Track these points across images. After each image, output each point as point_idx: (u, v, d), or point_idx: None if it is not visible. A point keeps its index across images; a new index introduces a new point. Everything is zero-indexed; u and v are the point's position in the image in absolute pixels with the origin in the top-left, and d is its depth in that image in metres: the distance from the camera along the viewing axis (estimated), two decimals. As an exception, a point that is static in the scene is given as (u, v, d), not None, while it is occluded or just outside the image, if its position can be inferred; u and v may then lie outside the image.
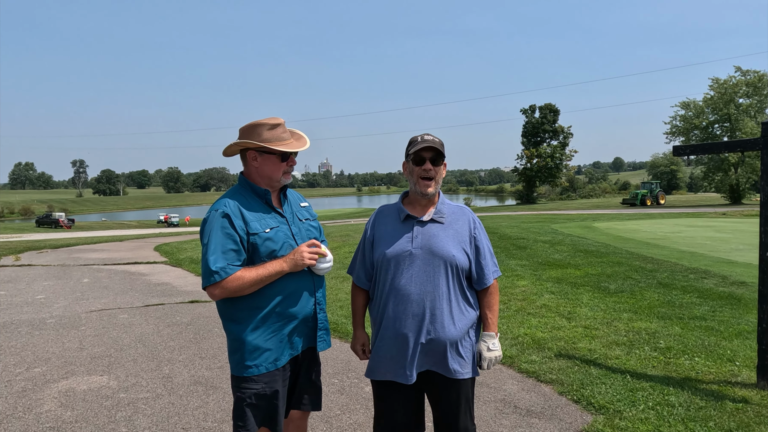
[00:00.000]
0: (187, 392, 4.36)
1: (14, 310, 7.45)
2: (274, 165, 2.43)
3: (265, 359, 2.36)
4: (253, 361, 2.35)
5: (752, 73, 49.43)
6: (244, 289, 2.29)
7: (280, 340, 2.39)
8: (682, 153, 4.77)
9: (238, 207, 2.36)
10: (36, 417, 3.91)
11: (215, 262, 2.24)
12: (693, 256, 10.67)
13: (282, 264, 2.33)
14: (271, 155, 2.42)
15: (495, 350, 2.45)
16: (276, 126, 2.43)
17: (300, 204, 2.64)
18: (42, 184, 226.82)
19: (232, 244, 2.29)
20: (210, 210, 2.38)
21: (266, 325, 2.36)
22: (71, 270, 11.57)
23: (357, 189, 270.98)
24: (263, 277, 2.30)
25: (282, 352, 2.40)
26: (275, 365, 2.38)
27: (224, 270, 2.25)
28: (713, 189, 53.26)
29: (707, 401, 3.87)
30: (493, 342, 2.46)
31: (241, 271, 2.28)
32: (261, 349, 2.35)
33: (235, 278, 2.26)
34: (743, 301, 6.70)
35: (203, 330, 6.27)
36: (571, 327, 5.85)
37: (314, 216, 2.68)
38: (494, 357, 2.44)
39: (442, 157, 2.42)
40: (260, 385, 2.36)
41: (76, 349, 5.59)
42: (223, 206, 2.35)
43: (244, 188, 2.47)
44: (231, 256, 2.27)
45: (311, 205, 2.77)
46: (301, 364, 2.54)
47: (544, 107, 70.09)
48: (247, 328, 2.35)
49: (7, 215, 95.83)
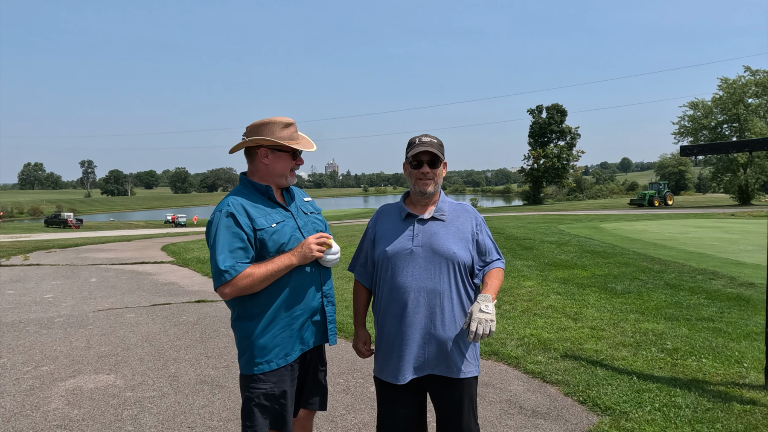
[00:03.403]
0: (193, 391, 4.38)
1: (23, 309, 7.50)
2: (286, 162, 2.44)
3: (276, 355, 2.36)
4: (263, 357, 2.34)
5: (762, 72, 48.97)
6: (255, 285, 2.27)
7: (290, 335, 2.38)
8: (689, 153, 4.74)
9: (242, 205, 2.35)
10: (43, 415, 3.93)
11: (224, 261, 2.23)
12: (701, 257, 10.60)
13: (291, 257, 2.33)
14: (283, 153, 2.43)
15: (488, 312, 2.24)
16: (289, 125, 2.46)
17: (303, 199, 2.65)
18: (51, 184, 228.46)
19: (239, 242, 2.28)
20: (214, 211, 2.37)
21: (276, 320, 2.35)
22: (79, 269, 11.64)
23: (363, 189, 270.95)
24: (273, 272, 2.29)
25: (293, 346, 2.40)
26: (286, 360, 2.37)
27: (233, 268, 2.23)
28: (722, 190, 52.84)
29: (714, 403, 3.84)
30: (487, 304, 2.27)
31: (250, 268, 2.26)
32: (271, 344, 2.35)
33: (245, 275, 2.24)
34: (751, 303, 6.65)
35: (209, 329, 6.29)
36: (578, 328, 5.82)
37: (318, 210, 2.68)
38: (485, 320, 2.22)
39: (440, 159, 2.42)
40: (269, 385, 2.35)
41: (83, 348, 5.62)
42: (227, 206, 2.34)
43: (245, 187, 2.47)
44: (239, 254, 2.26)
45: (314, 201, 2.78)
46: (309, 363, 2.54)
47: (551, 107, 69.82)
48: (257, 325, 2.34)
49: (16, 215, 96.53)
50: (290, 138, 2.44)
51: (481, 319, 2.22)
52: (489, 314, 2.24)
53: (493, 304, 2.29)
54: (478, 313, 2.24)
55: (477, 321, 2.22)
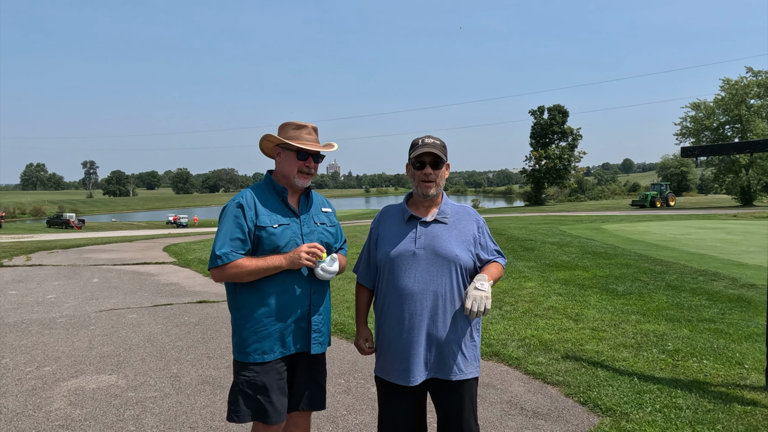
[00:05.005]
0: (194, 391, 4.39)
1: (25, 310, 7.52)
2: (291, 162, 2.53)
3: (254, 350, 2.45)
4: (244, 348, 2.46)
5: (764, 73, 48.91)
6: (242, 276, 2.40)
7: (269, 335, 2.45)
8: (690, 154, 4.75)
9: (254, 199, 2.50)
10: (46, 415, 3.95)
11: (221, 247, 2.40)
12: (702, 258, 10.59)
13: (281, 259, 2.42)
14: (290, 152, 2.53)
15: (483, 290, 2.26)
16: (301, 127, 2.55)
17: (321, 209, 2.68)
18: (53, 185, 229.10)
19: (240, 234, 2.42)
20: (231, 199, 2.52)
21: (256, 317, 2.45)
22: (81, 270, 11.67)
23: (365, 190, 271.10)
24: (261, 269, 2.40)
25: (271, 347, 2.46)
26: (263, 357, 2.45)
27: (226, 255, 2.39)
28: (724, 191, 52.79)
29: (715, 404, 3.85)
30: (482, 282, 2.29)
31: (241, 260, 2.40)
32: (252, 338, 2.45)
33: (235, 265, 2.39)
34: (753, 304, 6.64)
35: (211, 330, 6.30)
36: (579, 329, 5.82)
37: (334, 223, 2.72)
38: (480, 297, 2.25)
39: (442, 161, 2.43)
40: (252, 374, 2.46)
41: (85, 348, 5.64)
42: (241, 197, 2.50)
43: (266, 184, 2.60)
44: (236, 244, 2.41)
45: (335, 210, 2.80)
46: (296, 364, 2.57)
47: (552, 108, 69.79)
48: (241, 317, 2.48)
49: (18, 216, 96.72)
50: (298, 138, 2.53)
51: (475, 296, 2.27)
52: (484, 291, 2.28)
53: (488, 283, 2.32)
54: (473, 291, 2.29)
55: (472, 298, 2.27)
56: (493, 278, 2.40)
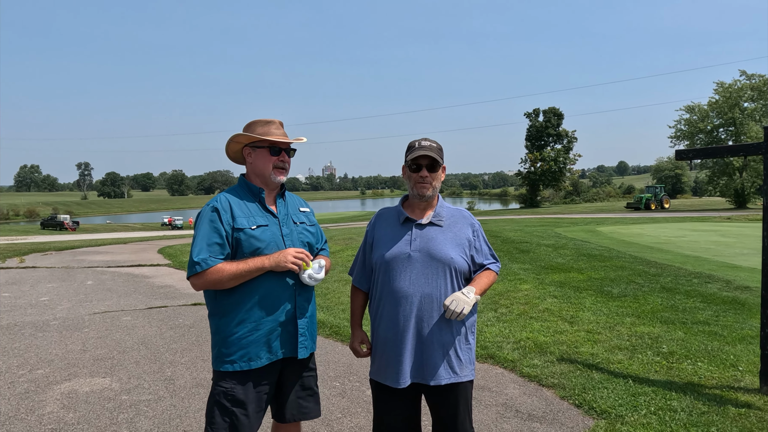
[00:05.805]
0: (189, 394, 4.37)
1: (18, 312, 7.48)
2: (265, 159, 2.49)
3: (240, 357, 2.37)
4: (228, 357, 2.37)
5: (757, 77, 49.21)
6: (223, 281, 2.32)
7: (255, 340, 2.37)
8: (684, 157, 4.77)
9: (228, 202, 2.43)
10: (38, 418, 3.92)
11: (198, 253, 2.31)
12: (697, 261, 10.63)
13: (264, 260, 2.35)
14: (261, 149, 2.49)
15: (467, 297, 2.30)
16: (269, 123, 2.52)
17: (299, 208, 2.64)
18: (47, 186, 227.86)
19: (218, 238, 2.35)
20: (205, 205, 2.45)
21: (242, 323, 2.37)
22: (75, 272, 11.61)
23: (360, 192, 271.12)
24: (243, 272, 2.32)
25: (257, 353, 2.38)
26: (249, 365, 2.37)
27: (205, 261, 2.30)
28: (718, 193, 52.98)
29: (710, 406, 3.86)
30: (470, 293, 2.32)
31: (221, 264, 2.32)
32: (236, 346, 2.37)
33: (215, 270, 2.30)
34: (747, 306, 6.67)
35: (205, 333, 6.28)
36: (574, 331, 5.83)
37: (313, 222, 2.67)
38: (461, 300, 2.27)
39: (438, 163, 2.43)
40: (230, 385, 2.37)
41: (79, 351, 5.61)
42: (215, 201, 2.43)
43: (241, 187, 2.54)
44: (215, 249, 2.33)
45: (313, 211, 2.75)
46: (283, 371, 2.50)
47: (548, 111, 69.93)
48: (225, 323, 2.39)
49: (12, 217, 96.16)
50: (266, 134, 2.48)
51: (458, 297, 2.30)
52: (467, 298, 2.30)
53: (474, 296, 2.33)
54: (458, 293, 2.31)
55: (453, 298, 2.29)
56: (482, 290, 2.40)
